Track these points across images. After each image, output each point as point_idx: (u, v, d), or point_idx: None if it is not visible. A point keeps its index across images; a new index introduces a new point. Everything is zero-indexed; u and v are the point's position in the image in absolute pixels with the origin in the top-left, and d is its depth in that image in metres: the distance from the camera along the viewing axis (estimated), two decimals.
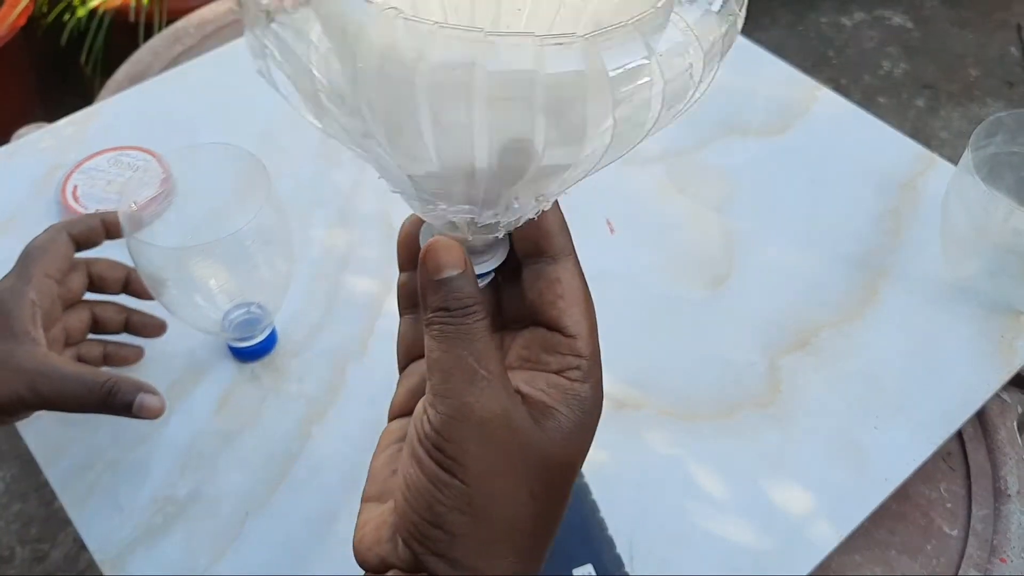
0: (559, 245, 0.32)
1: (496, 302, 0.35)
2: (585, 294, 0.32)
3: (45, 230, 0.57)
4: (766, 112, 0.82)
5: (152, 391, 0.53)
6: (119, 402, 0.51)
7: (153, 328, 0.62)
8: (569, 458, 0.31)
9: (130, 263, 0.57)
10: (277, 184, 0.57)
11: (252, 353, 0.65)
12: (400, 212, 0.81)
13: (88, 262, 0.59)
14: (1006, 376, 0.65)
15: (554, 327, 0.32)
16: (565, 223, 0.33)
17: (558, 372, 0.31)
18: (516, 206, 0.30)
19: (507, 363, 0.33)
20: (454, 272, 0.30)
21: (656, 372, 0.65)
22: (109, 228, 0.59)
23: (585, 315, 0.32)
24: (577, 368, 0.31)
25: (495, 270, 0.33)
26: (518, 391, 0.31)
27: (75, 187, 0.74)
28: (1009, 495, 0.62)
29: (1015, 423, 0.66)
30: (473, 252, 0.32)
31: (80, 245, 0.58)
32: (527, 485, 0.30)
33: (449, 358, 0.29)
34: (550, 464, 0.30)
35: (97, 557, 0.56)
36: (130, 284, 0.60)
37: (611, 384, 0.64)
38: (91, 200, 0.73)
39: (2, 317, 0.52)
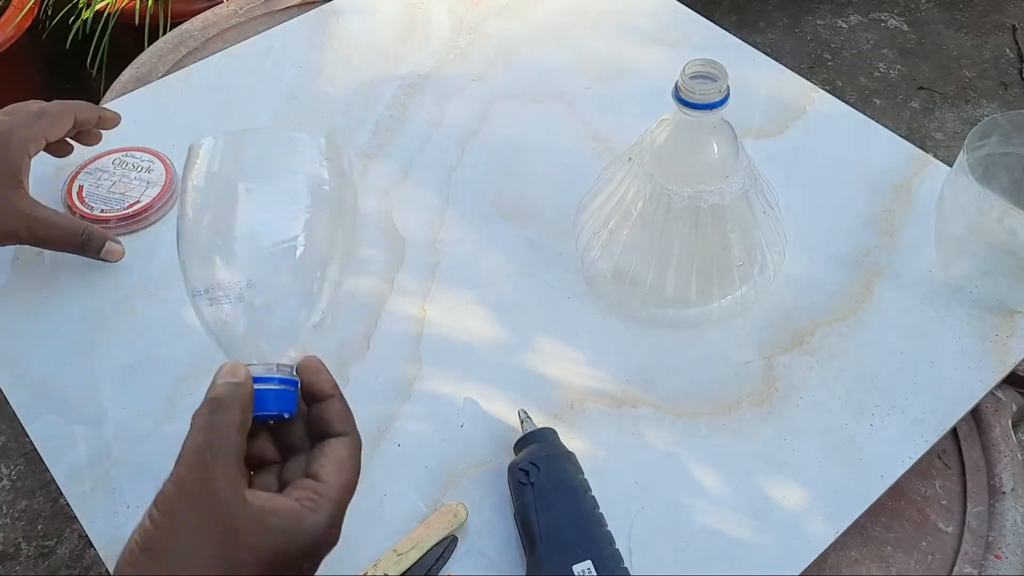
0: (337, 430, 0.45)
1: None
2: (344, 462, 0.44)
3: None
4: (763, 114, 0.83)
5: (116, 241, 0.70)
6: (92, 247, 0.68)
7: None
8: (267, 549, 0.40)
9: None
10: None
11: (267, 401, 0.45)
12: (400, 213, 0.81)
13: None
14: (1000, 374, 0.65)
15: (312, 475, 0.43)
16: (348, 412, 0.46)
17: (297, 499, 0.42)
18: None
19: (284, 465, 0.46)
20: (229, 379, 0.43)
21: (653, 370, 0.66)
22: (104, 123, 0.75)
23: (337, 475, 0.43)
24: (312, 501, 0.42)
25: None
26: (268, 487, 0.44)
27: (80, 187, 0.75)
28: (1004, 492, 0.63)
29: (1009, 421, 0.66)
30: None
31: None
32: (216, 548, 0.39)
33: (190, 441, 0.41)
34: (245, 542, 0.40)
35: (102, 554, 0.57)
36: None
37: (609, 382, 0.65)
38: (96, 200, 0.74)
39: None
